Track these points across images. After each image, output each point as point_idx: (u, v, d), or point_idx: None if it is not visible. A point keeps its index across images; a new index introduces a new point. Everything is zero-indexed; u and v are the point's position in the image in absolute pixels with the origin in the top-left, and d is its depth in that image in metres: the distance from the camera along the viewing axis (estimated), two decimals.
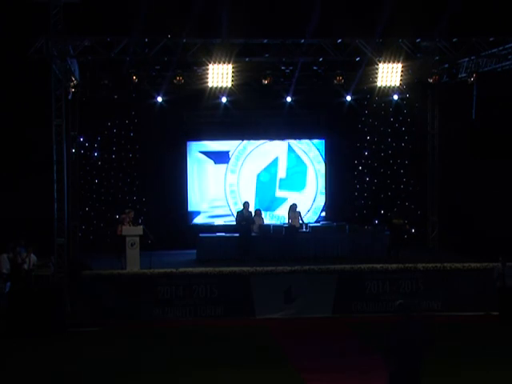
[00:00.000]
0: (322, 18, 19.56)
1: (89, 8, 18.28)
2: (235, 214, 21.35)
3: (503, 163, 21.16)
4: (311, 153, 22.17)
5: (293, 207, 21.70)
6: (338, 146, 24.12)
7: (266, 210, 21.73)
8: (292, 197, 22.13)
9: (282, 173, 22.41)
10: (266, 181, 22.49)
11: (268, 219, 21.86)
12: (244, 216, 20.88)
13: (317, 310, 18.78)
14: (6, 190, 21.28)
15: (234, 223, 21.44)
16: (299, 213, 21.67)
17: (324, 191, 22.84)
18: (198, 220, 23.54)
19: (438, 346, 15.70)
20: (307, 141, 23.12)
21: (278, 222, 22.81)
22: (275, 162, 22.32)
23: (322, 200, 22.62)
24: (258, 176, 23.05)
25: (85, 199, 23.25)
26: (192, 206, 23.59)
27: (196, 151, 23.63)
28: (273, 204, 22.79)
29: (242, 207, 21.17)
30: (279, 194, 22.28)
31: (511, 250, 18.98)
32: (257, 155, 22.88)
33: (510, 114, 20.67)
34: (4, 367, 14.74)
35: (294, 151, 22.40)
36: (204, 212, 23.60)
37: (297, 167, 22.55)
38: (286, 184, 22.45)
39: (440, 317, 18.60)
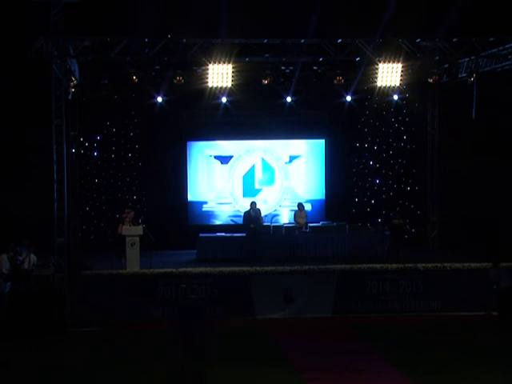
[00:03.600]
0: (321, 17, 19.60)
1: (89, 8, 18.28)
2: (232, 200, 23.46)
3: (503, 163, 21.17)
4: (278, 161, 24.06)
5: (300, 206, 21.83)
6: (338, 146, 24.11)
7: (251, 197, 23.27)
8: (265, 189, 24.07)
9: (258, 174, 24.00)
10: (248, 179, 24.01)
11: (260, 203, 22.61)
12: (252, 217, 20.94)
13: (317, 310, 18.79)
14: (6, 189, 21.25)
15: (234, 220, 21.95)
16: (306, 212, 21.74)
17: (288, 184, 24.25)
18: (206, 207, 23.90)
19: (438, 346, 15.87)
20: (276, 154, 24.04)
21: (280, 223, 22.95)
22: (253, 167, 24.01)
23: (285, 189, 24.24)
24: (243, 176, 23.95)
25: (85, 199, 23.24)
26: (200, 196, 23.86)
27: (202, 150, 23.82)
28: (253, 194, 23.75)
29: (249, 207, 21.20)
30: (257, 187, 24.05)
31: (511, 249, 19.01)
32: (242, 162, 24.04)
33: (510, 114, 20.70)
34: (4, 367, 14.74)
35: (265, 160, 24.02)
36: (211, 200, 23.90)
37: (267, 170, 24.04)
38: (262, 181, 24.05)
39: (440, 317, 18.65)
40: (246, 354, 15.37)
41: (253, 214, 21.02)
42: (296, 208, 22.17)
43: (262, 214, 21.95)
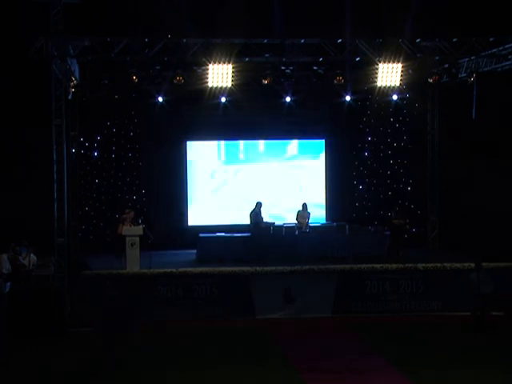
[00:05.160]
0: (322, 17, 19.62)
1: (89, 8, 18.29)
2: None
3: (503, 163, 21.17)
4: (278, 161, 24.06)
5: (304, 206, 21.79)
6: (338, 146, 24.12)
7: None
8: None
9: None
10: None
11: None
12: (259, 217, 20.98)
13: (317, 310, 18.80)
14: (6, 189, 21.26)
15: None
16: (309, 213, 21.73)
17: None
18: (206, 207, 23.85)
19: (438, 346, 15.88)
20: (276, 154, 24.03)
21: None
22: None
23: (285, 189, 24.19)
24: None
25: (85, 199, 23.24)
26: (200, 196, 23.83)
27: (202, 150, 23.81)
28: None
29: (255, 207, 21.23)
30: None
31: (510, 249, 19.01)
32: None
33: (510, 114, 20.71)
34: (4, 367, 14.75)
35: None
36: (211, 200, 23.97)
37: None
38: None
39: (440, 317, 18.65)
40: (246, 353, 15.38)
41: (259, 213, 21.06)
42: (300, 207, 22.13)
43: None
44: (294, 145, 24.10)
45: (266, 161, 23.91)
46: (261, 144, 23.94)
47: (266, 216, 22.02)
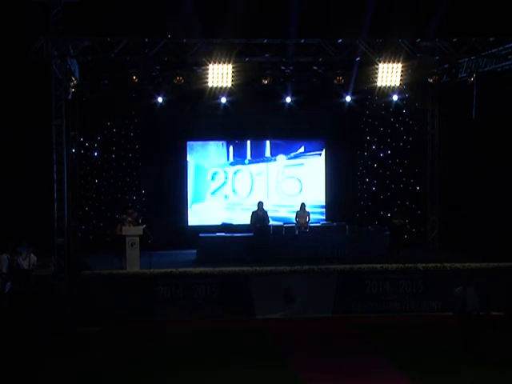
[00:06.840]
0: (321, 18, 19.62)
1: (89, 8, 18.29)
2: None
3: (503, 163, 21.16)
4: (278, 161, 24.12)
5: (302, 206, 21.79)
6: (338, 146, 24.12)
7: None
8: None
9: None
10: None
11: None
12: (259, 217, 20.99)
13: (317, 310, 18.80)
14: (5, 189, 21.25)
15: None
16: (308, 213, 21.73)
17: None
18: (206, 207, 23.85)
19: (438, 345, 15.87)
20: (276, 154, 24.02)
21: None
22: None
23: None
24: None
25: (85, 199, 23.24)
26: (200, 196, 23.85)
27: (202, 151, 23.81)
28: None
29: (257, 207, 21.25)
30: None
31: (510, 249, 19.00)
32: None
33: (510, 114, 20.71)
34: (4, 367, 14.75)
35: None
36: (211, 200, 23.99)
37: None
38: None
39: (440, 317, 18.64)
40: (246, 354, 15.38)
41: (260, 214, 21.09)
42: (298, 208, 22.12)
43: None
44: (293, 145, 24.09)
45: (266, 161, 23.91)
46: (261, 144, 23.92)
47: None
